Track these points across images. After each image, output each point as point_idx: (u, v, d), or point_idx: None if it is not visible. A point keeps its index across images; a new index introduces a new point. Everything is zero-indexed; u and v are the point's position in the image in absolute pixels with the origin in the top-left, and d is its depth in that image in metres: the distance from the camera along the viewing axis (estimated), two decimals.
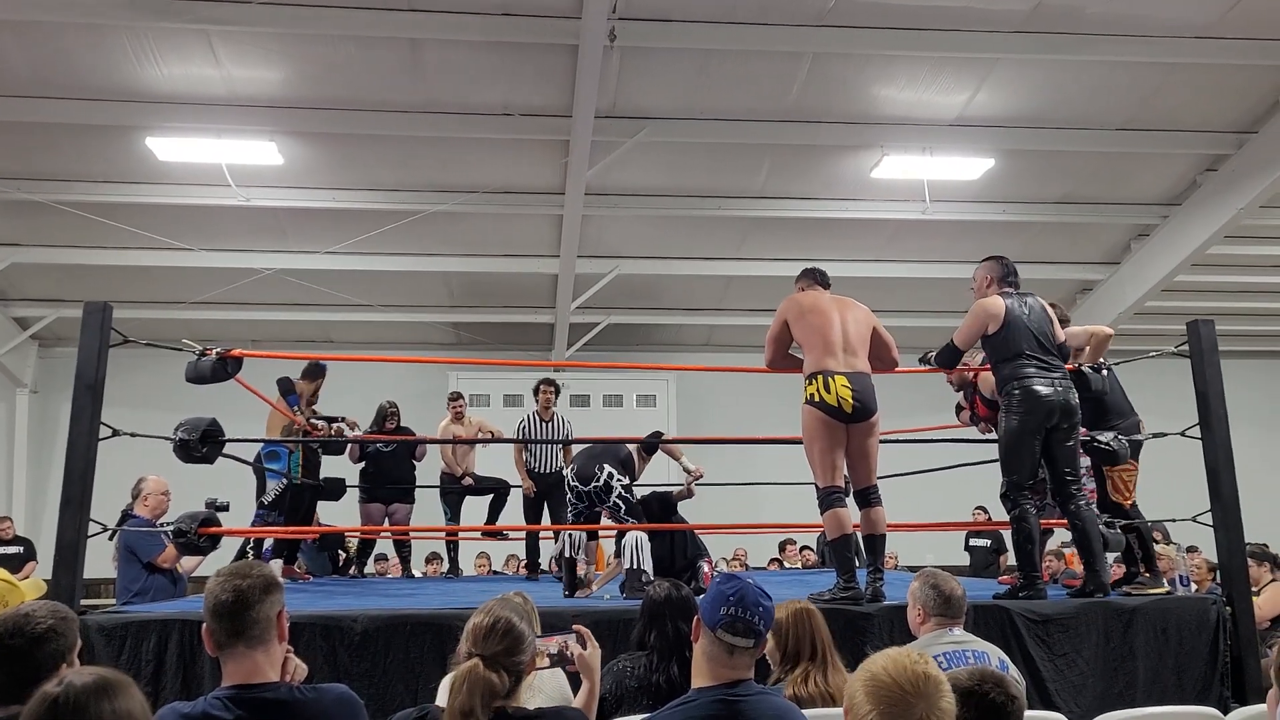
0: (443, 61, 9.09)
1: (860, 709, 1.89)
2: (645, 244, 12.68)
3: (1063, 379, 4.92)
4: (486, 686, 2.29)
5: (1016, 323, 4.94)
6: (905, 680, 1.89)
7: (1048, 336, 4.99)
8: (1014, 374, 4.89)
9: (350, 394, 8.91)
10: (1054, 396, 4.82)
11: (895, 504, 6.06)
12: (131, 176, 10.72)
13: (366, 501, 8.27)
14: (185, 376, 5.06)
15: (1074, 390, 4.96)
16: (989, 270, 5.20)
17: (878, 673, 1.92)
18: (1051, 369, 4.90)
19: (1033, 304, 5.07)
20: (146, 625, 4.03)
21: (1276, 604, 6.91)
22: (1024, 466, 4.87)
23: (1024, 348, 4.90)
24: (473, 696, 2.26)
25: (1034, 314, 5.02)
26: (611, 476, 5.71)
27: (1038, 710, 3.82)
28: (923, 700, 1.86)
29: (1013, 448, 4.89)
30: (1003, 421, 4.95)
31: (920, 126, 10.38)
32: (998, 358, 5.01)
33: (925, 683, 1.89)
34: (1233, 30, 8.95)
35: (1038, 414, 4.81)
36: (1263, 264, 13.37)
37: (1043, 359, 4.89)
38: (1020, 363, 4.88)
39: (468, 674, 2.30)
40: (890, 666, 1.92)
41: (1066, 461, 4.92)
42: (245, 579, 2.33)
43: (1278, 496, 13.64)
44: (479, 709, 2.26)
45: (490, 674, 2.30)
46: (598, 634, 4.12)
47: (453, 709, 2.27)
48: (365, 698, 3.75)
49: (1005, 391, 4.94)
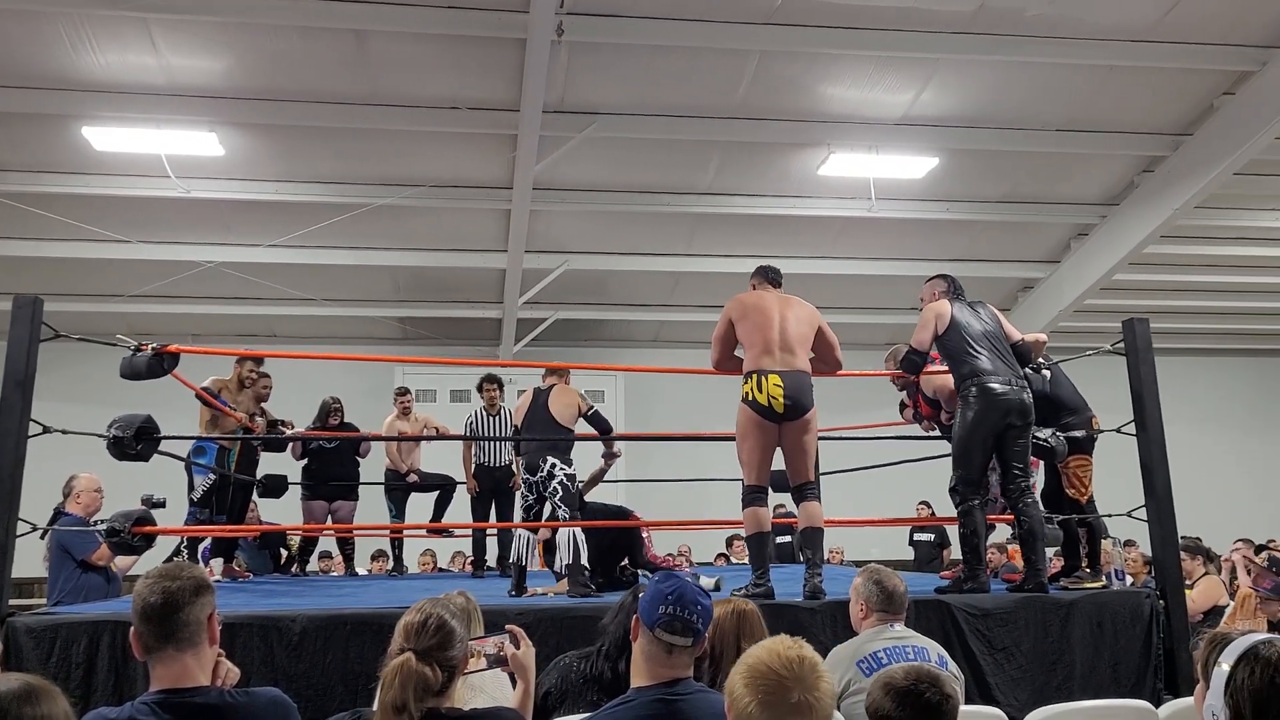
0: (388, 53, 8.98)
1: (740, 700, 1.89)
2: (594, 239, 12.64)
3: (1018, 378, 5.04)
4: (420, 680, 2.23)
5: (966, 325, 5.09)
6: (780, 665, 1.90)
7: (1000, 339, 5.14)
8: (971, 373, 5.00)
9: (294, 390, 8.80)
10: (1010, 395, 4.94)
11: (842, 499, 6.13)
12: (67, 166, 10.44)
13: (309, 499, 8.18)
14: (120, 373, 4.95)
15: (1029, 390, 5.07)
16: (934, 286, 5.43)
17: (754, 663, 1.92)
18: (1006, 369, 5.01)
19: (983, 310, 5.24)
20: (77, 627, 3.94)
21: (1209, 597, 7.08)
22: (975, 463, 4.98)
23: (977, 348, 5.02)
24: (405, 690, 2.21)
25: (986, 318, 5.18)
26: (554, 466, 5.75)
27: (976, 705, 3.86)
28: (799, 684, 1.87)
29: (966, 444, 4.99)
30: (959, 418, 5.05)
31: (866, 125, 10.46)
32: (952, 359, 5.12)
33: (800, 665, 1.90)
34: (1170, 35, 9.14)
35: (994, 412, 4.92)
36: (1198, 263, 13.66)
37: (997, 359, 5.02)
38: (976, 363, 5.00)
39: (400, 668, 2.24)
40: (765, 655, 1.93)
41: (1017, 459, 5.03)
42: (175, 581, 2.27)
43: (1211, 491, 14.03)
44: (412, 704, 2.21)
45: (424, 667, 2.25)
46: (542, 632, 4.14)
47: (384, 705, 2.20)
48: (303, 699, 3.74)
49: (962, 390, 5.05)
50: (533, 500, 5.91)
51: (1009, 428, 4.96)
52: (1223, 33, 9.25)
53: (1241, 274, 14.02)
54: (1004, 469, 5.08)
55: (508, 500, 7.85)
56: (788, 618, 4.27)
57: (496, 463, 7.87)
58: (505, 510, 7.87)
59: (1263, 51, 9.52)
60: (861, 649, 3.35)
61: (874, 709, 2.20)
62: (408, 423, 8.48)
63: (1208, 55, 9.52)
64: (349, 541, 8.72)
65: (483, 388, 7.88)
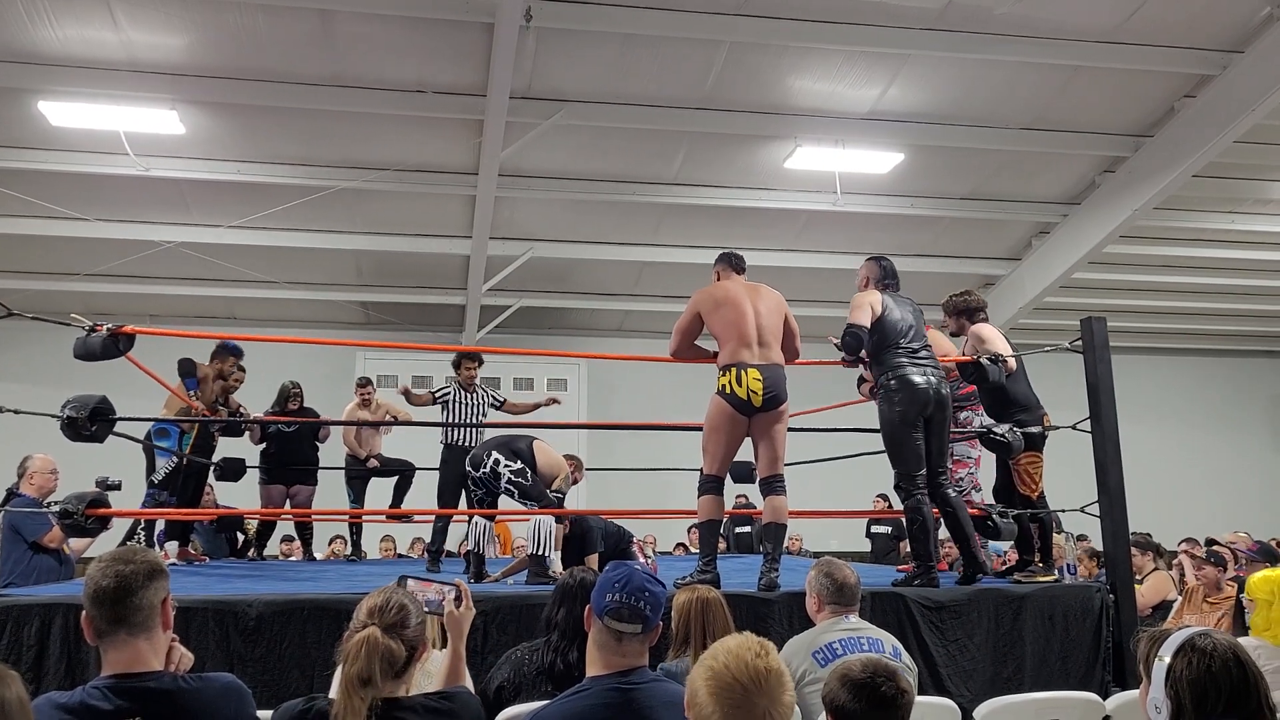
0: (354, 34, 8.89)
1: (704, 708, 1.89)
2: (559, 227, 12.61)
3: (935, 370, 5.15)
4: (385, 653, 2.23)
5: (891, 316, 5.20)
6: (747, 678, 1.89)
7: (919, 333, 5.25)
8: (890, 364, 5.11)
9: (253, 374, 8.68)
10: (928, 386, 5.05)
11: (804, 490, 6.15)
12: (22, 141, 10.24)
13: (267, 483, 8.09)
14: (73, 353, 4.87)
15: (946, 382, 5.19)
16: (869, 270, 5.51)
17: (719, 670, 1.91)
18: (924, 360, 5.13)
19: (905, 303, 5.33)
20: (28, 610, 3.87)
21: (1159, 591, 7.21)
22: (910, 456, 5.05)
23: (899, 340, 5.14)
24: (371, 661, 2.20)
25: (908, 311, 5.29)
26: (498, 463, 5.74)
27: (930, 696, 3.92)
28: (765, 697, 1.88)
29: (895, 438, 5.08)
30: (883, 413, 5.11)
31: (833, 119, 10.51)
32: (876, 348, 5.21)
33: (768, 678, 1.90)
34: (1133, 37, 9.27)
35: (915, 403, 5.03)
36: (1156, 263, 13.89)
37: (916, 351, 5.14)
38: (896, 354, 5.12)
39: (365, 640, 2.23)
40: (732, 663, 1.92)
41: (938, 450, 5.13)
42: (129, 564, 2.25)
43: (1163, 488, 14.28)
44: (378, 676, 2.20)
45: (389, 641, 2.25)
46: (502, 620, 4.14)
47: (349, 677, 2.19)
48: (259, 685, 3.71)
49: (883, 383, 5.15)
50: (482, 494, 5.91)
51: (930, 420, 5.08)
52: (1185, 36, 9.40)
53: (1198, 275, 14.27)
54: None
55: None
56: (746, 608, 4.30)
57: (471, 441, 7.73)
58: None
59: (1223, 56, 9.67)
60: (817, 640, 3.38)
61: (830, 700, 2.22)
62: (369, 413, 8.40)
63: (1170, 58, 9.66)
64: (307, 526, 8.65)
65: (460, 365, 7.54)
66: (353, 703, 2.18)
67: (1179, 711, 2.08)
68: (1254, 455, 17.17)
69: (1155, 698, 2.13)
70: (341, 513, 8.83)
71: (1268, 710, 2.05)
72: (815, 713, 3.12)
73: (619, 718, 2.31)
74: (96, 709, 2.13)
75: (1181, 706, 2.07)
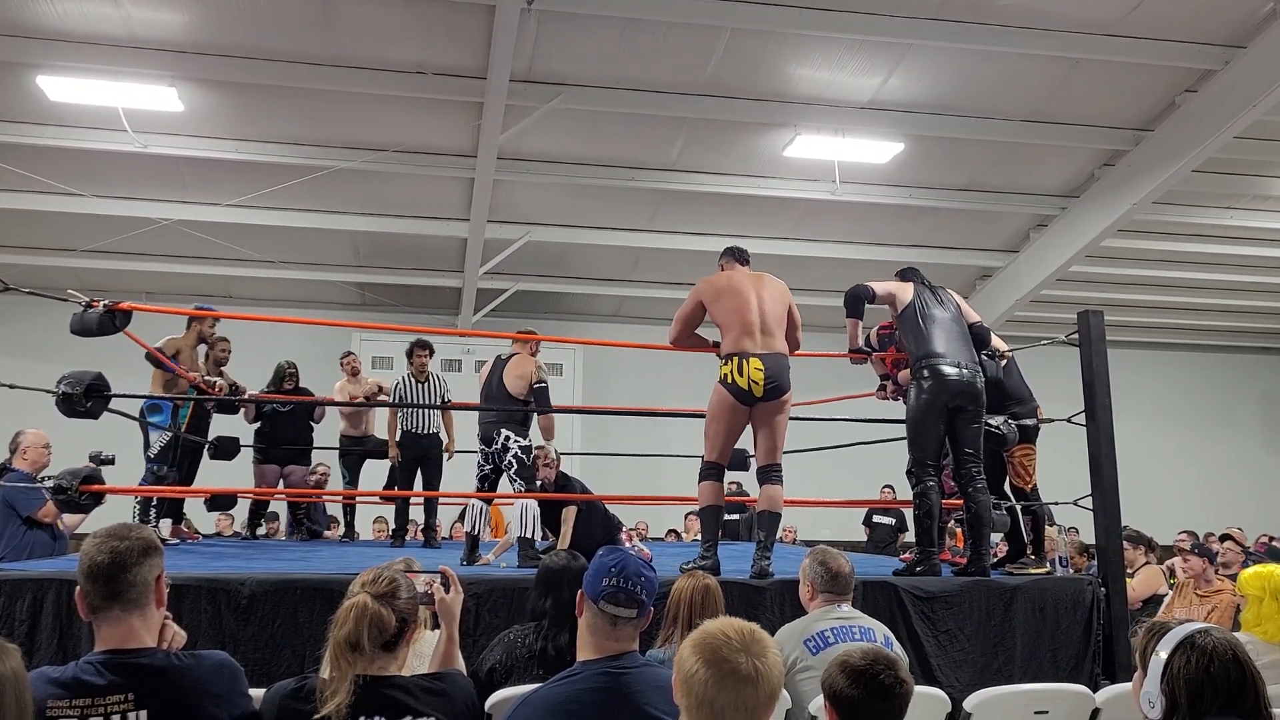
0: (355, 15, 8.84)
1: (688, 665, 1.92)
2: (557, 211, 12.58)
3: (971, 363, 5.12)
4: (375, 619, 2.25)
5: (924, 307, 5.22)
6: (731, 630, 1.94)
7: (959, 324, 5.25)
8: (925, 355, 5.10)
9: (249, 353, 8.67)
10: (959, 379, 5.03)
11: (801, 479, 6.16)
12: (20, 116, 10.19)
13: (261, 462, 8.10)
14: (70, 328, 4.87)
15: (981, 376, 5.15)
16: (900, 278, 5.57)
17: (703, 634, 1.97)
18: (960, 353, 5.11)
19: (944, 295, 5.35)
20: (21, 584, 3.88)
21: (1150, 585, 7.25)
22: (929, 444, 5.07)
23: (933, 331, 5.13)
24: (360, 626, 2.23)
25: (946, 302, 5.29)
26: (509, 439, 5.82)
27: (920, 685, 3.93)
28: (747, 651, 1.91)
29: (918, 424, 5.10)
30: (911, 399, 5.13)
31: (833, 108, 10.48)
32: (909, 339, 5.22)
33: (750, 636, 1.95)
34: (1136, 30, 9.24)
35: (943, 394, 5.02)
36: (1154, 258, 13.87)
37: (952, 344, 5.13)
38: (930, 345, 5.11)
39: (355, 605, 2.26)
40: (715, 626, 1.98)
41: (969, 443, 5.11)
42: (123, 540, 2.25)
43: (1157, 483, 14.33)
44: (366, 642, 2.22)
45: (380, 608, 2.27)
46: (493, 603, 4.15)
47: (339, 641, 2.21)
48: (251, 663, 3.72)
49: (915, 371, 5.15)
50: (488, 470, 5.94)
51: (959, 410, 5.06)
52: (1187, 31, 9.38)
53: (1196, 270, 14.26)
54: (956, 454, 5.18)
55: (434, 469, 7.81)
56: (739, 594, 4.31)
57: (425, 430, 7.80)
58: (432, 479, 7.82)
59: (1225, 50, 9.66)
60: (809, 628, 3.40)
61: (830, 687, 2.23)
62: (357, 385, 8.42)
63: (1171, 53, 9.64)
64: (301, 505, 8.66)
65: (413, 354, 7.68)
66: (340, 666, 2.19)
67: (1173, 708, 2.08)
68: (1247, 451, 17.21)
69: (1149, 691, 2.13)
70: (335, 493, 8.84)
71: (1264, 709, 2.05)
72: (806, 700, 3.14)
73: (610, 702, 2.31)
74: (89, 684, 2.13)
75: (1176, 704, 2.07)
